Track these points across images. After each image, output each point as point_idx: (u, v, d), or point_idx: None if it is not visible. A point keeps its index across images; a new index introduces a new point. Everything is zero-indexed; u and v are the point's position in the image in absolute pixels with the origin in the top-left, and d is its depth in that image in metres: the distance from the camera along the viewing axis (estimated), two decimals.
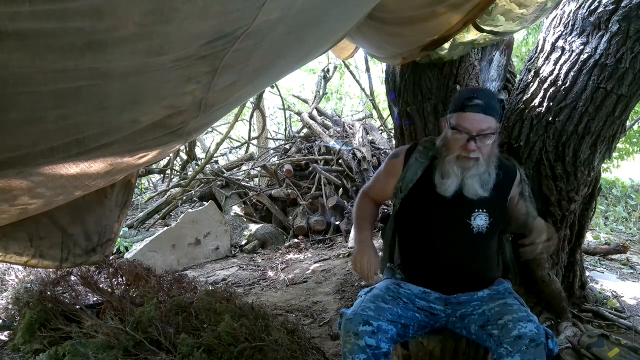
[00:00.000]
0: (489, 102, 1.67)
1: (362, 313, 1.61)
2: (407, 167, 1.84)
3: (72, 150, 1.51)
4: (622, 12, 2.32)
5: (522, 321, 1.54)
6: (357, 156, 6.07)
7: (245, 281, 4.19)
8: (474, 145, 1.66)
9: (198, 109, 1.66)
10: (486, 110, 1.65)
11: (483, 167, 1.71)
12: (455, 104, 1.73)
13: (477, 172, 1.71)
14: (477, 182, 1.71)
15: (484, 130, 1.66)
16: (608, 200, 7.49)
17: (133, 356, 2.34)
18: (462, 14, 2.00)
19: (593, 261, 4.29)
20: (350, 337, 1.57)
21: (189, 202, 7.27)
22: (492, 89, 3.04)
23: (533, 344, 1.48)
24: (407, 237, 1.91)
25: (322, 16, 1.61)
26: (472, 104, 1.65)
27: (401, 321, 1.68)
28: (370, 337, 1.56)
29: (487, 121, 1.66)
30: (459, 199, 1.74)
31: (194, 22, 1.02)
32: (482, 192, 1.72)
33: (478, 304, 1.72)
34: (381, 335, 1.58)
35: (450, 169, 1.72)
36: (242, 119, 8.23)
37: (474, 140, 1.65)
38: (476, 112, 1.65)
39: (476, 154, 1.68)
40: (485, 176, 1.72)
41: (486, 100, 1.67)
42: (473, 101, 1.65)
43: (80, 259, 2.74)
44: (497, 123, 1.71)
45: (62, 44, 0.90)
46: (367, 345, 1.55)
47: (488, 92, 1.78)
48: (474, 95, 1.68)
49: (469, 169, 1.70)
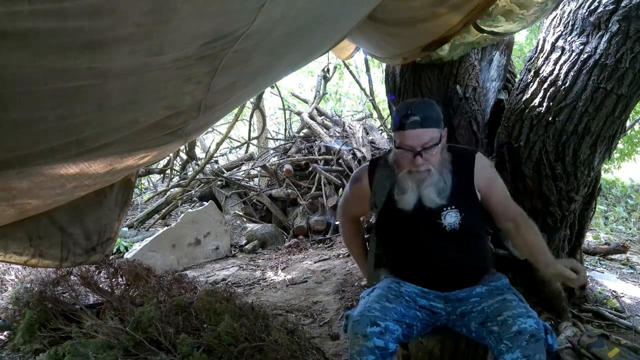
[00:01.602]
0: (426, 115, 1.68)
1: (369, 314, 1.61)
2: (375, 184, 1.89)
3: (72, 151, 1.51)
4: (622, 12, 2.32)
5: (521, 317, 1.54)
6: (357, 156, 6.07)
7: (245, 281, 4.19)
8: (421, 160, 1.70)
9: (198, 110, 1.66)
10: (424, 124, 1.67)
11: (436, 176, 1.74)
12: (394, 123, 1.76)
13: (431, 182, 1.74)
14: (434, 192, 1.74)
15: (427, 144, 1.68)
16: (608, 200, 7.48)
17: (133, 356, 2.33)
18: (463, 14, 2.00)
19: (593, 261, 4.29)
20: (358, 338, 1.56)
21: (189, 202, 7.27)
22: (492, 89, 3.05)
23: (533, 339, 1.48)
24: (390, 244, 1.95)
25: (322, 17, 1.61)
26: (409, 121, 1.67)
27: (406, 321, 1.68)
28: (379, 337, 1.56)
29: (428, 133, 1.68)
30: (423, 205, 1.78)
31: (194, 22, 1.01)
32: (440, 201, 1.75)
33: (477, 301, 1.72)
34: (388, 335, 1.58)
35: (405, 184, 1.77)
36: (242, 119, 8.23)
37: (420, 155, 1.69)
38: (414, 129, 1.67)
39: (426, 166, 1.72)
40: (440, 184, 1.75)
41: (423, 114, 1.67)
42: (410, 118, 1.67)
43: (80, 259, 2.74)
44: (440, 130, 1.73)
45: (61, 44, 0.90)
46: (375, 347, 1.55)
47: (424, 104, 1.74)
48: (409, 112, 1.68)
49: (424, 181, 1.74)
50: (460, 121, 2.78)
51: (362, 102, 9.71)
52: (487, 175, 1.85)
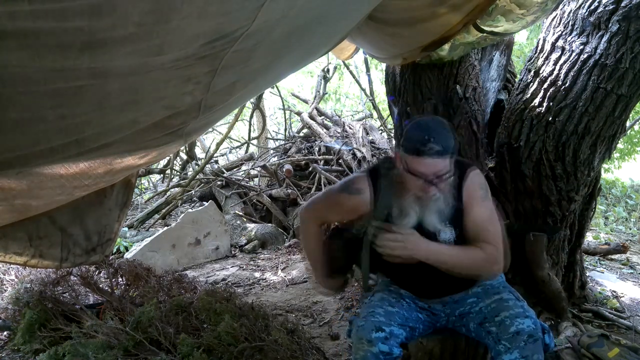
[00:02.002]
0: (445, 144, 1.54)
1: (373, 319, 1.61)
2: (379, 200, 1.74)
3: (72, 151, 1.51)
4: (622, 12, 2.32)
5: (519, 317, 1.54)
6: (357, 156, 6.07)
7: (245, 281, 4.19)
8: (433, 189, 1.59)
9: (198, 110, 1.66)
10: (443, 154, 1.54)
11: (442, 202, 1.66)
12: (409, 146, 1.59)
13: (436, 208, 1.66)
14: (437, 218, 1.67)
15: (441, 173, 1.57)
16: (608, 200, 7.49)
17: (133, 356, 2.34)
18: (463, 14, 2.00)
19: (593, 261, 4.29)
20: (363, 344, 1.56)
21: (189, 202, 7.27)
22: (492, 89, 3.05)
23: (531, 339, 1.49)
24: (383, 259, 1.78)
25: (323, 17, 1.61)
26: (427, 148, 1.53)
27: (409, 324, 1.69)
28: (384, 343, 1.56)
29: (444, 163, 1.56)
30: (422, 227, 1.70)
31: (194, 22, 1.01)
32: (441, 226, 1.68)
33: (474, 301, 1.72)
34: (393, 340, 1.58)
35: (409, 208, 1.67)
36: (242, 119, 8.23)
37: (432, 183, 1.58)
38: (432, 157, 1.54)
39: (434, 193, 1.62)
40: (445, 210, 1.67)
41: (442, 143, 1.53)
42: (427, 146, 1.53)
43: (80, 259, 2.73)
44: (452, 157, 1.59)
45: (61, 44, 0.89)
46: (380, 352, 1.55)
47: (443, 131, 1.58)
48: (429, 138, 1.53)
49: (428, 207, 1.66)
50: (460, 121, 2.78)
51: (362, 102, 9.71)
52: (471, 193, 1.71)
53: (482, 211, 1.70)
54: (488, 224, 1.70)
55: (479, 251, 1.64)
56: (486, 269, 1.66)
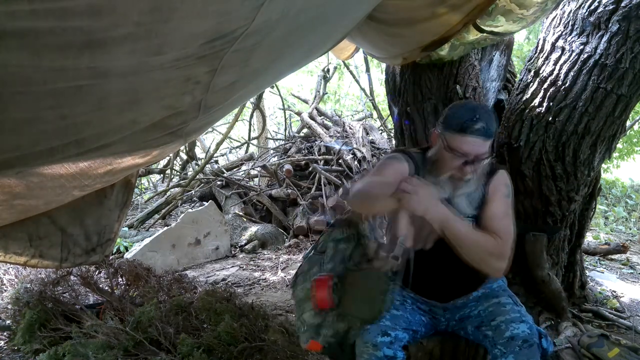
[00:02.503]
0: (490, 125, 1.56)
1: (380, 323, 1.59)
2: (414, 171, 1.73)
3: (72, 151, 1.51)
4: (622, 12, 2.32)
5: (514, 322, 1.54)
6: (357, 156, 6.07)
7: (245, 281, 4.19)
8: (470, 169, 1.59)
9: (198, 110, 1.66)
10: (487, 134, 1.55)
11: (473, 185, 1.66)
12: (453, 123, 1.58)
13: (466, 190, 1.66)
14: (465, 202, 1.66)
15: (482, 155, 1.58)
16: (608, 200, 7.49)
17: (133, 356, 2.33)
18: (463, 14, 2.00)
19: (593, 261, 4.29)
20: (368, 347, 1.55)
21: (189, 202, 7.26)
22: (492, 89, 3.05)
23: (526, 344, 1.48)
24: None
25: (322, 17, 1.61)
26: (475, 127, 1.53)
27: (412, 327, 1.68)
28: (389, 347, 1.55)
29: (486, 144, 1.57)
30: None
31: (193, 21, 1.01)
32: (470, 211, 1.67)
33: (474, 305, 1.73)
34: (397, 344, 1.57)
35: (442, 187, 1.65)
36: (242, 119, 8.23)
37: (471, 163, 1.58)
38: (477, 137, 1.54)
39: (470, 176, 1.62)
40: (474, 194, 1.67)
41: (487, 122, 1.55)
42: (476, 124, 1.53)
43: (80, 259, 2.73)
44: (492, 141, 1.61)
45: (60, 43, 0.89)
46: (385, 356, 1.54)
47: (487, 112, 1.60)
48: (476, 116, 1.54)
49: (460, 188, 1.65)
50: None
51: (362, 102, 9.72)
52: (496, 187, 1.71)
53: (500, 206, 1.70)
54: (503, 218, 1.69)
55: (491, 238, 1.61)
56: (492, 258, 1.61)
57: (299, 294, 1.67)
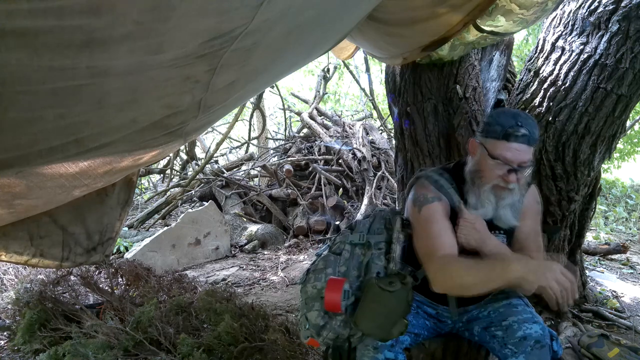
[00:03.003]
0: (533, 130, 1.54)
1: None
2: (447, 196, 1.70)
3: (71, 150, 1.51)
4: (622, 12, 2.32)
5: (527, 322, 1.52)
6: (357, 156, 6.07)
7: (245, 281, 4.19)
8: (515, 178, 1.56)
9: (197, 109, 1.66)
10: (531, 140, 1.53)
11: (517, 196, 1.63)
12: (496, 130, 1.56)
13: (511, 201, 1.62)
14: (510, 212, 1.63)
15: (525, 163, 1.55)
16: (608, 200, 7.49)
17: (133, 356, 2.34)
18: (463, 14, 1.99)
19: (593, 261, 4.29)
20: (369, 350, 1.55)
21: (189, 202, 7.27)
22: (492, 89, 3.04)
23: (538, 345, 1.47)
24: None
25: (322, 16, 1.60)
26: (519, 134, 1.52)
27: (414, 330, 1.68)
28: (390, 350, 1.55)
29: (530, 152, 1.55)
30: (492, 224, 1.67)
31: (192, 20, 1.01)
32: (515, 222, 1.64)
33: (483, 306, 1.72)
34: (398, 347, 1.57)
35: (485, 198, 1.62)
36: (242, 119, 8.22)
37: (515, 172, 1.55)
38: (521, 144, 1.53)
39: (514, 185, 1.58)
40: (517, 205, 1.64)
41: (531, 129, 1.53)
42: (519, 130, 1.52)
43: (81, 258, 2.73)
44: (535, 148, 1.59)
45: (60, 42, 0.89)
46: (386, 359, 1.54)
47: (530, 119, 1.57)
48: (519, 123, 1.53)
49: (504, 199, 1.61)
50: (460, 121, 2.77)
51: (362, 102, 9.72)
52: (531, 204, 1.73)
53: (534, 225, 1.71)
54: (536, 238, 1.70)
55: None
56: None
57: (309, 290, 1.64)
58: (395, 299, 1.48)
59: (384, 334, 1.48)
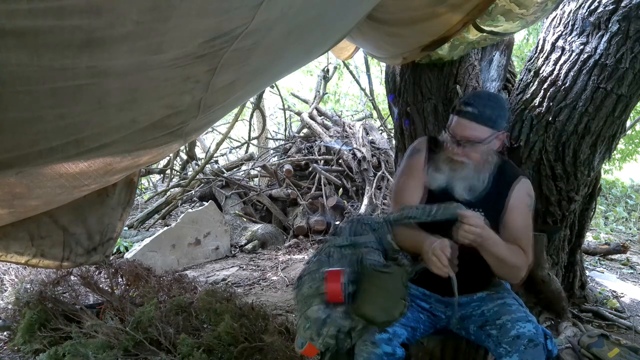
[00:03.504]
0: (483, 111, 1.62)
1: None
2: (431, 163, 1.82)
3: (72, 151, 1.51)
4: (622, 12, 2.32)
5: (520, 321, 1.54)
6: (357, 156, 6.07)
7: (245, 281, 4.19)
8: (458, 150, 1.66)
9: (197, 109, 1.66)
10: (478, 119, 1.62)
11: (471, 172, 1.69)
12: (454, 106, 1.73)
13: (463, 175, 1.70)
14: (462, 186, 1.70)
15: (469, 138, 1.64)
16: (608, 200, 7.49)
17: (133, 356, 2.34)
18: (462, 14, 1.99)
19: (593, 261, 4.29)
20: (367, 345, 1.55)
21: (189, 202, 7.26)
22: (492, 89, 3.04)
23: (531, 344, 1.48)
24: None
25: (322, 16, 1.61)
26: (465, 110, 1.64)
27: (410, 324, 1.68)
28: (387, 344, 1.55)
29: (476, 129, 1.63)
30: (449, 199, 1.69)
31: (192, 20, 1.01)
32: (467, 196, 1.70)
33: (477, 305, 1.72)
34: (396, 340, 1.57)
35: (442, 165, 1.74)
36: (242, 119, 8.22)
37: (459, 145, 1.66)
38: (466, 119, 1.64)
39: (462, 158, 1.68)
40: (473, 181, 1.70)
41: (480, 109, 1.62)
42: (467, 107, 1.64)
43: (82, 259, 2.73)
44: (491, 130, 1.65)
45: (60, 42, 0.89)
46: (384, 353, 1.54)
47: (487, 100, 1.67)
48: (471, 101, 1.65)
49: (457, 171, 1.71)
50: None
51: (362, 102, 9.72)
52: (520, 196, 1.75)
53: (525, 218, 1.75)
54: (527, 232, 1.75)
55: (521, 252, 1.68)
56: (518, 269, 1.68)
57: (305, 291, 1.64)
58: (392, 279, 1.54)
59: (386, 316, 1.51)
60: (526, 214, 1.76)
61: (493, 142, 1.69)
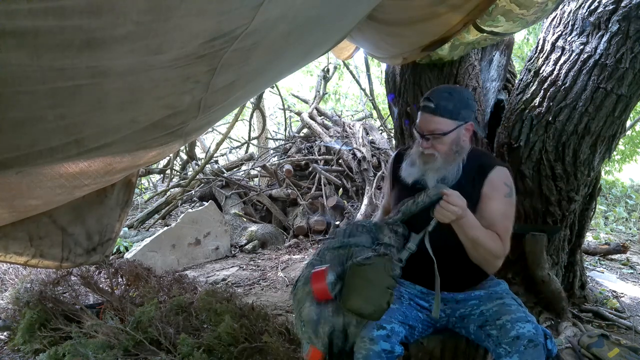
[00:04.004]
0: (441, 104, 1.69)
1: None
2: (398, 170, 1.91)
3: (72, 151, 1.51)
4: (622, 12, 2.32)
5: (520, 321, 1.54)
6: (357, 156, 6.07)
7: (245, 281, 4.19)
8: (425, 143, 1.73)
9: (197, 109, 1.66)
10: (436, 112, 1.69)
11: (440, 163, 1.74)
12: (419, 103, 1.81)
13: (433, 167, 1.74)
14: (434, 177, 1.74)
15: (432, 131, 1.71)
16: (608, 200, 7.49)
17: (133, 356, 2.33)
18: (463, 14, 1.99)
19: (593, 261, 4.29)
20: (365, 342, 1.55)
21: (189, 202, 7.26)
22: (492, 89, 3.05)
23: (531, 344, 1.48)
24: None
25: (322, 16, 1.61)
26: (424, 104, 1.72)
27: (409, 322, 1.68)
28: (385, 341, 1.55)
29: (437, 122, 1.70)
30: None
31: (192, 20, 1.01)
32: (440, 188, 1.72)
33: (476, 304, 1.72)
34: (394, 338, 1.57)
35: (415, 159, 1.80)
36: (242, 119, 8.23)
37: (425, 138, 1.73)
38: (427, 113, 1.71)
39: (430, 151, 1.73)
40: (443, 172, 1.74)
41: (438, 102, 1.69)
42: (426, 102, 1.71)
43: (81, 259, 2.73)
44: (454, 122, 1.71)
45: (60, 42, 0.89)
46: (382, 350, 1.53)
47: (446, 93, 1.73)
48: (429, 96, 1.72)
49: (428, 164, 1.75)
50: None
51: (362, 102, 9.72)
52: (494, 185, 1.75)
53: (501, 206, 1.74)
54: (504, 219, 1.74)
55: (498, 240, 1.68)
56: (494, 257, 1.69)
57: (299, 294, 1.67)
58: (373, 269, 1.55)
59: (373, 306, 1.51)
60: (503, 202, 1.75)
61: (461, 133, 1.74)
